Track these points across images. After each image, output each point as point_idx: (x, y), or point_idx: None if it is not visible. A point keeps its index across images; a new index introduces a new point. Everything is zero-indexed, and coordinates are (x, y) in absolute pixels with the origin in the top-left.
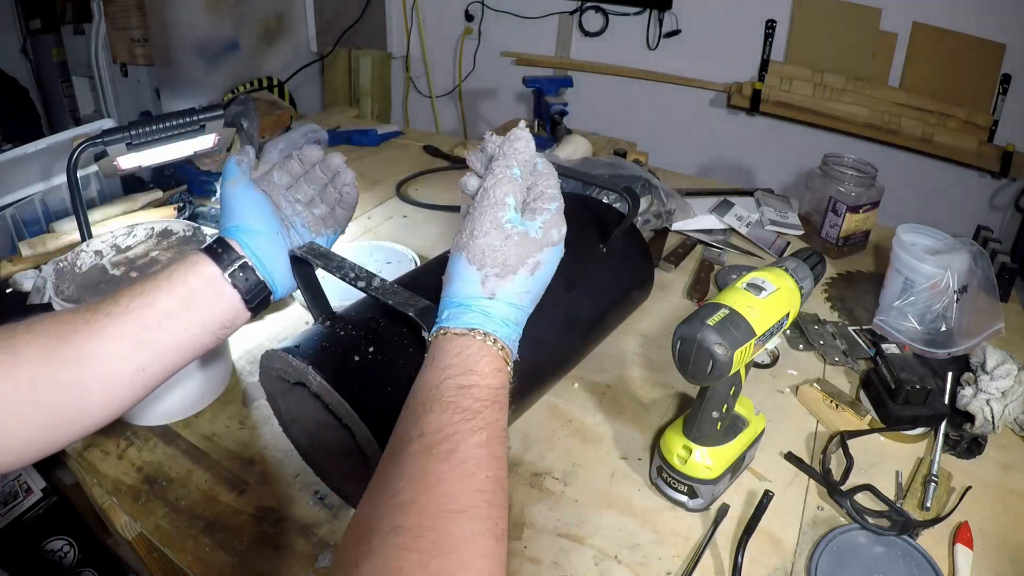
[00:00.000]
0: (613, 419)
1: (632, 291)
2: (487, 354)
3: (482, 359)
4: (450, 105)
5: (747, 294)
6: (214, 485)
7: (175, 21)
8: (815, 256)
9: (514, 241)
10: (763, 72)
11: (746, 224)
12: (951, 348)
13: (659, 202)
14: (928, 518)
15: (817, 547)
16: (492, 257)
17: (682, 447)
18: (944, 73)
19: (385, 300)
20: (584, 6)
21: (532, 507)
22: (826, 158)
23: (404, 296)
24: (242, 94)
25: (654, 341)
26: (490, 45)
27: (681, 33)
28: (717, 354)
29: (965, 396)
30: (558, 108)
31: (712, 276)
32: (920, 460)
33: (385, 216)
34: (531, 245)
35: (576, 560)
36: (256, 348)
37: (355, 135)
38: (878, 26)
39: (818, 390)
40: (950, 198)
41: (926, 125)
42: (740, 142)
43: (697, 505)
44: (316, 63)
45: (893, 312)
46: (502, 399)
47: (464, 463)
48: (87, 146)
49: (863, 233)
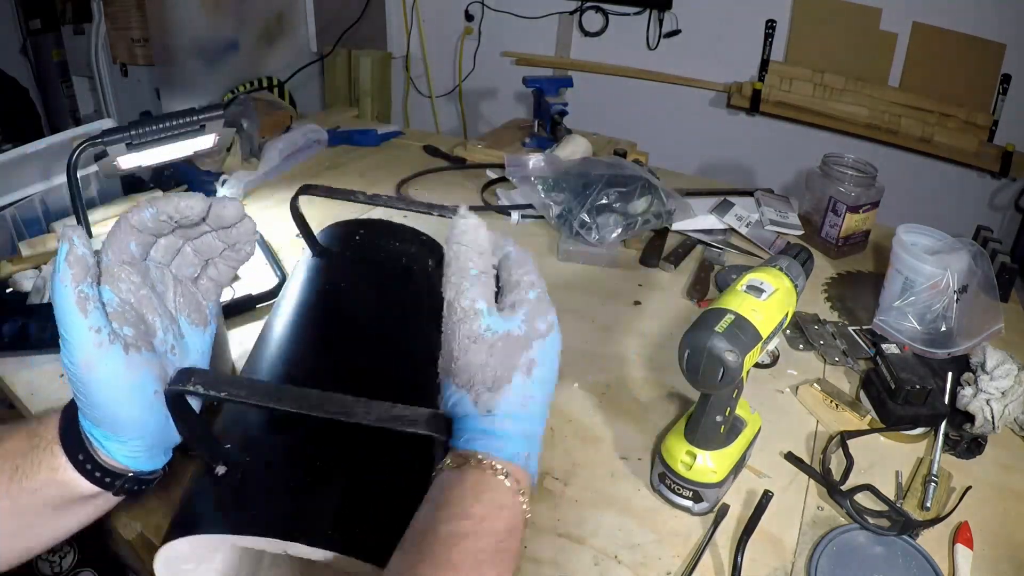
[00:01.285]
0: (613, 419)
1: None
2: (486, 489)
3: (480, 497)
4: (450, 105)
5: (749, 297)
6: None
7: (175, 21)
8: (804, 252)
9: (499, 348)
10: (763, 72)
11: (746, 224)
12: (951, 348)
13: (659, 202)
14: (928, 518)
15: (817, 547)
16: (480, 373)
17: (685, 452)
18: (944, 73)
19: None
20: (584, 6)
21: (532, 507)
22: (826, 158)
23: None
24: (242, 94)
25: (654, 341)
26: (490, 45)
27: (681, 33)
28: (728, 361)
29: (965, 396)
30: (558, 108)
31: (712, 276)
32: (920, 460)
33: (385, 216)
34: (518, 344)
35: (576, 560)
36: None
37: (355, 135)
38: (878, 26)
39: (818, 390)
40: (950, 198)
41: (926, 125)
42: (740, 142)
43: (702, 509)
44: (316, 63)
45: (893, 312)
46: (507, 546)
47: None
48: (87, 146)
49: (863, 233)
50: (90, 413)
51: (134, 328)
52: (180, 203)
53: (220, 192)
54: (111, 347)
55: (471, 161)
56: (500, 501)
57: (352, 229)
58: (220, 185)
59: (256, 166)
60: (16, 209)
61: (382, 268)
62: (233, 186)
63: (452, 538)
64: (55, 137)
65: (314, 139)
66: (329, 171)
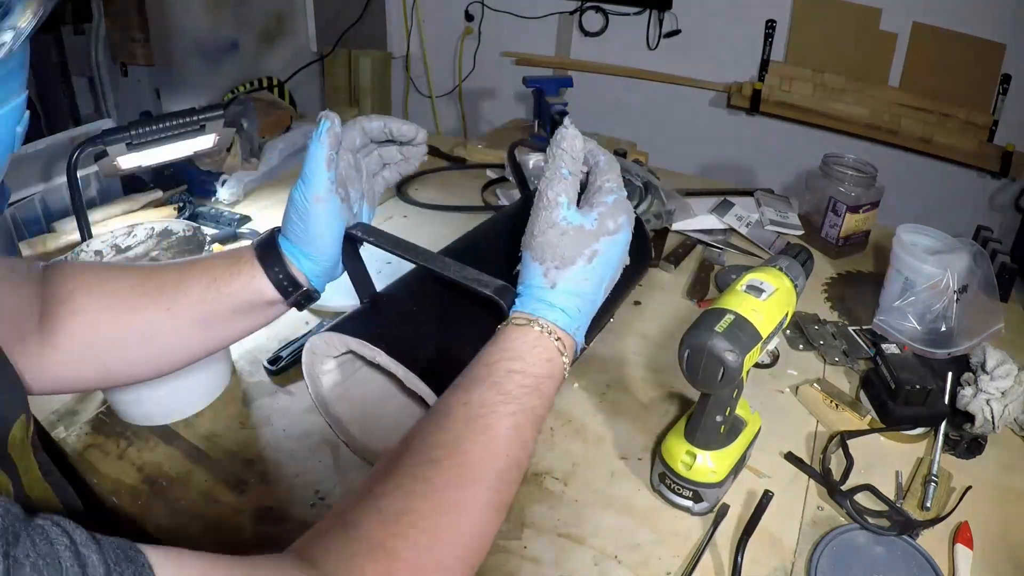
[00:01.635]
0: (613, 419)
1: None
2: (540, 344)
3: (534, 348)
4: (450, 105)
5: (749, 297)
6: (214, 485)
7: (175, 21)
8: (804, 252)
9: (570, 236)
10: (763, 72)
11: (746, 224)
12: (951, 348)
13: (659, 202)
14: (928, 518)
15: (817, 547)
16: (551, 252)
17: (685, 452)
18: (944, 73)
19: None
20: (584, 6)
21: (532, 507)
22: (826, 158)
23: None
24: (242, 94)
25: (654, 341)
26: (490, 45)
27: (681, 33)
28: (728, 361)
29: (965, 396)
30: (558, 108)
31: (712, 276)
32: (920, 460)
33: (385, 216)
34: (587, 237)
35: (576, 560)
36: (256, 348)
37: None
38: (878, 26)
39: (818, 390)
40: (950, 198)
41: (926, 125)
42: (740, 142)
43: (702, 509)
44: (316, 63)
45: (893, 312)
46: (545, 387)
47: (493, 441)
48: (87, 146)
49: (863, 233)
50: (300, 235)
51: (343, 189)
52: (402, 126)
53: (220, 192)
54: (333, 194)
55: (471, 161)
56: (548, 356)
57: None
58: (220, 185)
59: (256, 166)
60: (16, 209)
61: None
62: (233, 186)
63: (508, 373)
64: (55, 137)
65: None
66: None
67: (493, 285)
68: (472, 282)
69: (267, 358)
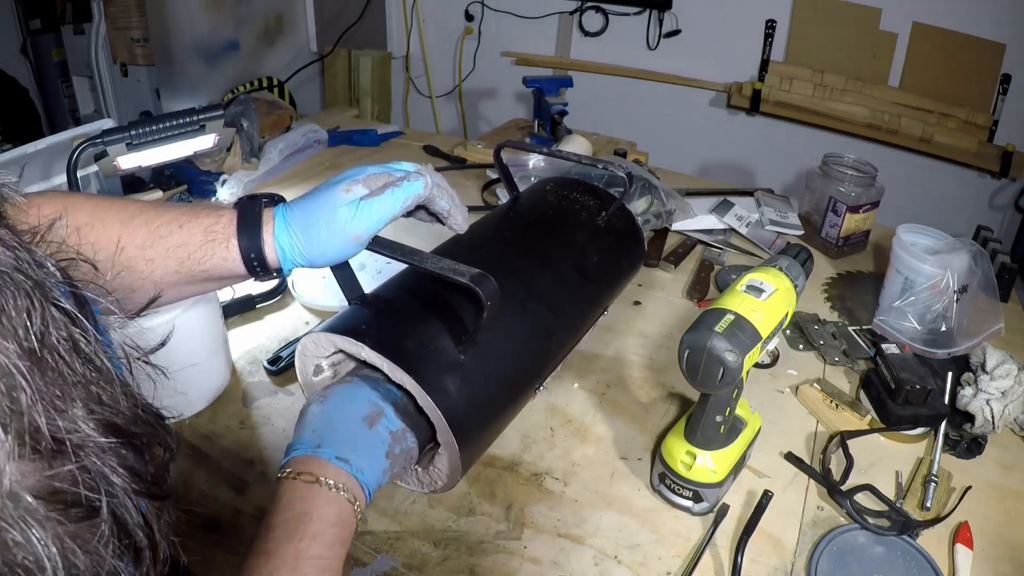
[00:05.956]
0: (613, 419)
1: (623, 259)
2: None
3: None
4: (450, 105)
5: (749, 297)
6: (214, 485)
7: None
8: (804, 252)
9: None
10: (763, 72)
11: (746, 224)
12: (951, 348)
13: (659, 202)
14: (928, 518)
15: (817, 547)
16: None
17: (685, 453)
18: (944, 73)
19: (434, 271)
20: (584, 6)
21: (532, 507)
22: (826, 158)
23: (451, 265)
24: (242, 94)
25: (654, 341)
26: (490, 45)
27: (681, 33)
28: (728, 361)
29: (965, 396)
30: (558, 108)
31: (712, 276)
32: (920, 460)
33: None
34: None
35: (576, 560)
36: (256, 348)
37: (355, 135)
38: (878, 26)
39: (818, 390)
40: (950, 198)
41: (926, 125)
42: (740, 142)
43: (702, 509)
44: (316, 63)
45: (893, 312)
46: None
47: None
48: (87, 146)
49: (863, 233)
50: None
51: None
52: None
53: (220, 192)
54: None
55: (471, 161)
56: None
57: (544, 184)
58: (220, 185)
59: (256, 166)
60: None
61: (557, 207)
62: (233, 186)
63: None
64: (55, 137)
65: (314, 139)
66: (329, 171)
67: (469, 274)
68: (449, 272)
69: (267, 358)
